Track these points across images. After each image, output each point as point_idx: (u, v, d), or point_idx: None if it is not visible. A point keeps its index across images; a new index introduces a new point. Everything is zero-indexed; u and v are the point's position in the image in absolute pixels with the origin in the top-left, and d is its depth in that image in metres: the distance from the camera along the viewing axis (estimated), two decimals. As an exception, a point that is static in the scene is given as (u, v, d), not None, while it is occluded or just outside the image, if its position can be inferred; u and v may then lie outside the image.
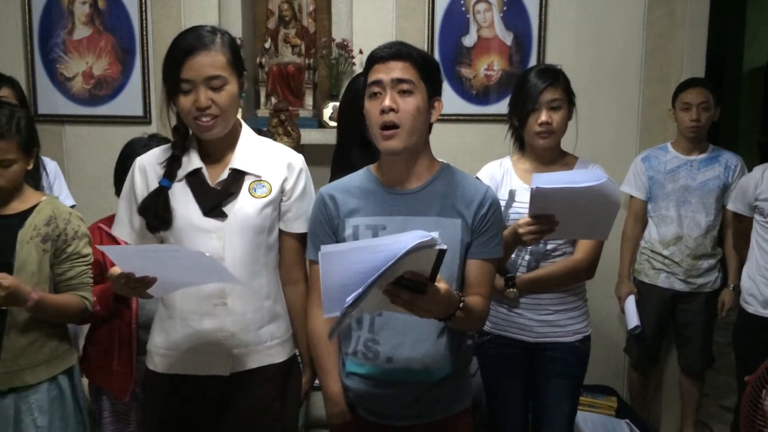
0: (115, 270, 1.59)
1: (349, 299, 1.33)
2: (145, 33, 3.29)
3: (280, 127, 3.09)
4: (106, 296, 2.19)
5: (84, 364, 2.31)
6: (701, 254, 3.06)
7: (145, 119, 3.33)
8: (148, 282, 1.58)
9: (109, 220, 2.34)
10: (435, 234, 1.32)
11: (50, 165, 2.69)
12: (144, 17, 3.28)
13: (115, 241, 2.20)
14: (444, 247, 1.34)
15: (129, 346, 2.25)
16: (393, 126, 1.62)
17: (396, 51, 1.64)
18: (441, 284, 1.44)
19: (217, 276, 1.63)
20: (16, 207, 1.94)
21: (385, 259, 1.31)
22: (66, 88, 3.34)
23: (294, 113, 3.19)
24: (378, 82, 1.64)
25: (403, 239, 1.31)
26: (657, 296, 3.13)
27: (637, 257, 3.22)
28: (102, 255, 2.22)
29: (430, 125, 1.73)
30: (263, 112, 3.27)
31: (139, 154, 2.23)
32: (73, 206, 2.77)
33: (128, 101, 3.34)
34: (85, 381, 2.36)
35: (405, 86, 1.63)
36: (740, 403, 2.78)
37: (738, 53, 6.13)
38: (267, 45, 3.35)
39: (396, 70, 1.63)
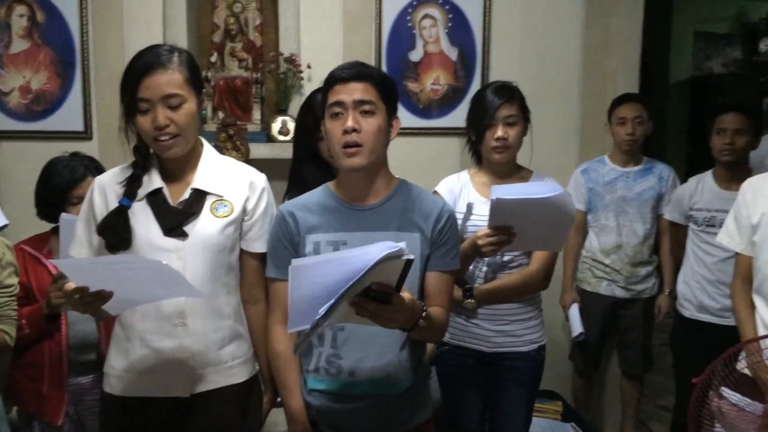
0: (69, 285, 1.53)
1: (322, 311, 1.34)
2: (85, 47, 3.22)
3: (228, 141, 3.07)
4: (36, 318, 2.13)
5: (11, 390, 2.24)
6: (639, 261, 3.17)
7: (85, 134, 3.26)
8: (104, 296, 1.53)
9: (33, 240, 2.29)
10: (402, 245, 1.36)
11: None
12: (84, 30, 3.20)
13: (38, 261, 2.15)
14: (411, 257, 1.37)
15: (60, 368, 2.19)
16: (356, 145, 1.65)
17: (357, 72, 1.66)
18: (405, 294, 1.47)
19: (176, 288, 1.60)
20: None
21: (354, 271, 1.33)
22: (2, 103, 3.23)
23: (242, 128, 3.16)
24: (340, 103, 1.65)
25: (371, 250, 1.34)
26: (599, 303, 3.23)
27: (578, 266, 3.32)
28: (28, 278, 2.16)
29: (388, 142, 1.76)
30: (210, 126, 3.24)
31: (62, 174, 2.20)
32: (5, 226, 2.68)
33: (68, 116, 3.25)
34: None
35: (366, 107, 1.65)
36: (681, 404, 2.92)
37: (664, 65, 6.34)
38: (213, 59, 3.32)
39: (357, 91, 1.65)
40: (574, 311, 3.20)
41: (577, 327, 3.15)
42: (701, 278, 2.90)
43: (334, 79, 1.68)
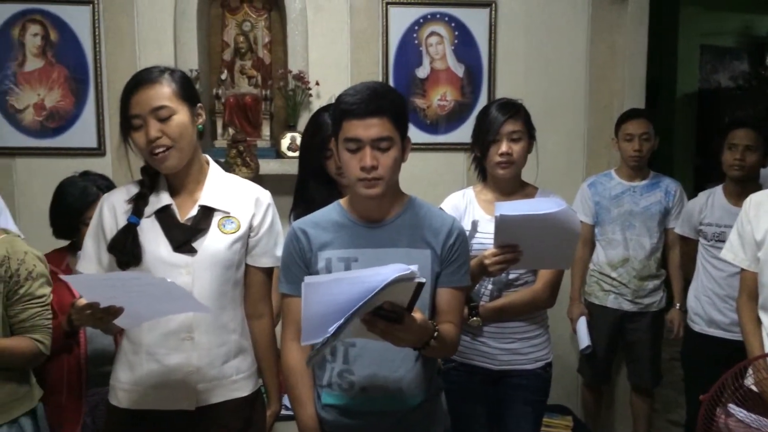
0: (81, 301, 1.57)
1: (332, 329, 1.38)
2: (98, 65, 3.27)
3: (238, 157, 3.11)
4: (57, 334, 2.14)
5: None
6: (647, 275, 3.18)
7: (99, 151, 3.30)
8: (114, 312, 1.57)
9: (52, 256, 2.30)
10: (414, 267, 1.38)
11: None
12: (97, 49, 3.26)
13: (57, 278, 2.16)
14: (423, 280, 1.39)
15: (79, 380, 2.22)
16: (374, 179, 1.66)
17: (374, 108, 1.63)
18: (417, 314, 1.49)
19: (183, 304, 1.63)
20: None
21: (365, 291, 1.36)
22: (17, 120, 3.27)
23: (252, 144, 3.20)
24: (357, 140, 1.64)
25: (383, 272, 1.37)
26: (607, 316, 3.23)
27: (586, 279, 3.33)
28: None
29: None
30: (221, 143, 3.28)
31: (75, 196, 2.24)
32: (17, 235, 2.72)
33: (81, 133, 3.30)
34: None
35: (384, 144, 1.65)
36: (692, 419, 2.91)
37: (671, 79, 6.35)
38: (223, 76, 3.36)
39: (374, 127, 1.63)
40: (582, 324, 3.21)
41: (584, 340, 3.16)
42: (711, 293, 2.91)
43: (348, 114, 1.65)
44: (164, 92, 1.71)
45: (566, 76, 3.49)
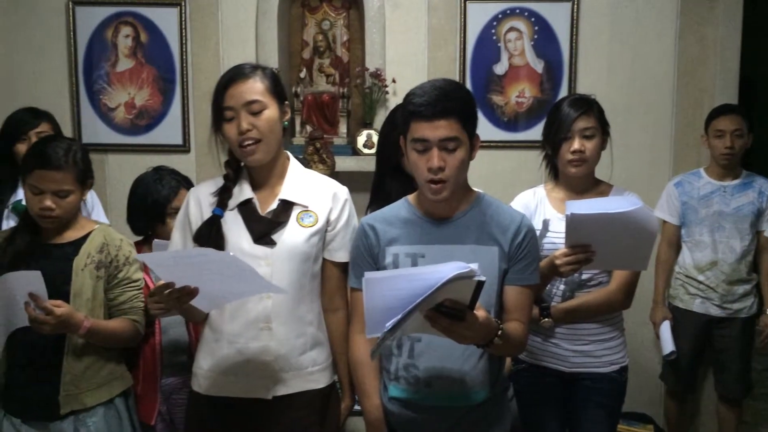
0: (160, 282, 1.65)
1: (389, 324, 1.40)
2: (184, 65, 3.40)
3: (315, 155, 3.16)
4: None
5: None
6: (736, 279, 3.04)
7: (184, 147, 3.44)
8: (189, 292, 1.63)
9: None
10: (474, 266, 1.38)
11: (88, 194, 2.75)
12: (184, 49, 3.39)
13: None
14: (483, 278, 1.39)
15: (154, 370, 2.30)
16: (441, 181, 1.67)
17: (441, 109, 1.63)
18: (480, 312, 1.48)
19: (256, 285, 1.67)
20: (70, 236, 2.00)
21: (424, 288, 1.37)
22: (109, 118, 3.45)
23: (329, 141, 3.26)
24: (424, 140, 1.66)
25: (442, 269, 1.37)
26: (692, 321, 3.11)
27: (671, 282, 3.21)
28: None
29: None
30: (299, 140, 3.34)
31: (158, 190, 2.32)
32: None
33: (168, 130, 3.44)
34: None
35: (451, 144, 1.65)
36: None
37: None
38: (302, 75, 3.43)
39: (441, 128, 1.63)
40: (666, 328, 3.11)
41: (668, 345, 3.05)
42: (805, 299, 2.74)
43: (416, 115, 1.66)
44: (257, 87, 1.78)
45: (652, 71, 3.37)
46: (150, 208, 2.34)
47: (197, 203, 1.87)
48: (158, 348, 2.30)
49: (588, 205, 1.81)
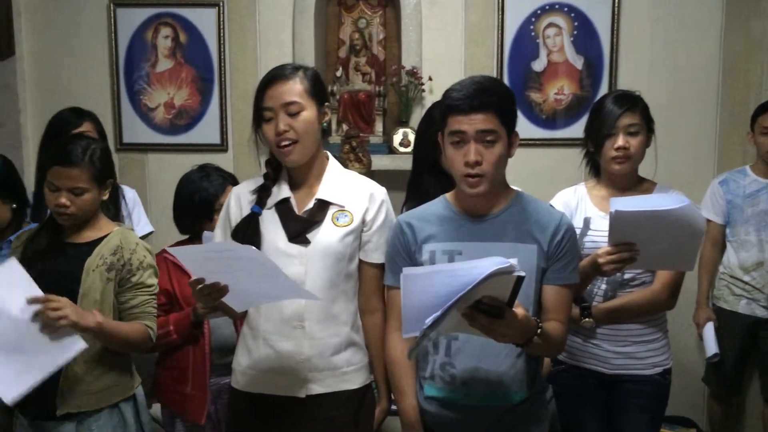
0: (193, 278, 1.67)
1: (428, 321, 1.37)
2: (223, 65, 3.43)
3: (351, 153, 3.16)
4: (183, 324, 2.27)
5: (157, 389, 2.39)
6: (784, 280, 2.95)
7: (222, 147, 3.47)
8: (219, 289, 1.64)
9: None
10: (514, 261, 1.36)
11: (129, 193, 2.78)
12: (222, 50, 3.42)
13: (181, 269, 2.26)
14: (522, 274, 1.36)
15: (203, 371, 2.32)
16: (477, 175, 1.65)
17: (479, 103, 1.62)
18: (519, 310, 1.46)
19: (287, 289, 1.68)
20: (88, 236, 2.00)
21: (463, 284, 1.35)
22: (149, 118, 3.50)
23: (365, 140, 3.26)
24: (461, 133, 1.65)
25: (482, 265, 1.35)
26: (737, 323, 3.04)
27: (715, 283, 3.14)
28: (171, 285, 2.31)
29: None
30: (335, 138, 3.35)
31: (206, 188, 2.34)
32: (151, 232, 2.87)
33: (206, 130, 3.48)
34: (158, 406, 2.44)
35: (489, 137, 1.64)
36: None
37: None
38: (338, 73, 3.44)
39: (479, 122, 1.63)
40: (709, 330, 3.03)
41: (711, 347, 2.98)
42: None
43: (454, 109, 1.65)
44: (296, 89, 1.79)
45: (697, 67, 3.31)
46: (197, 206, 2.37)
47: (237, 201, 1.90)
48: (207, 349, 2.32)
49: (633, 203, 1.77)
